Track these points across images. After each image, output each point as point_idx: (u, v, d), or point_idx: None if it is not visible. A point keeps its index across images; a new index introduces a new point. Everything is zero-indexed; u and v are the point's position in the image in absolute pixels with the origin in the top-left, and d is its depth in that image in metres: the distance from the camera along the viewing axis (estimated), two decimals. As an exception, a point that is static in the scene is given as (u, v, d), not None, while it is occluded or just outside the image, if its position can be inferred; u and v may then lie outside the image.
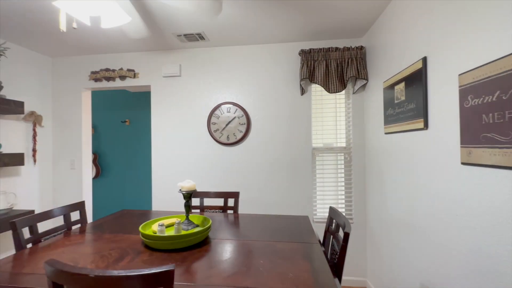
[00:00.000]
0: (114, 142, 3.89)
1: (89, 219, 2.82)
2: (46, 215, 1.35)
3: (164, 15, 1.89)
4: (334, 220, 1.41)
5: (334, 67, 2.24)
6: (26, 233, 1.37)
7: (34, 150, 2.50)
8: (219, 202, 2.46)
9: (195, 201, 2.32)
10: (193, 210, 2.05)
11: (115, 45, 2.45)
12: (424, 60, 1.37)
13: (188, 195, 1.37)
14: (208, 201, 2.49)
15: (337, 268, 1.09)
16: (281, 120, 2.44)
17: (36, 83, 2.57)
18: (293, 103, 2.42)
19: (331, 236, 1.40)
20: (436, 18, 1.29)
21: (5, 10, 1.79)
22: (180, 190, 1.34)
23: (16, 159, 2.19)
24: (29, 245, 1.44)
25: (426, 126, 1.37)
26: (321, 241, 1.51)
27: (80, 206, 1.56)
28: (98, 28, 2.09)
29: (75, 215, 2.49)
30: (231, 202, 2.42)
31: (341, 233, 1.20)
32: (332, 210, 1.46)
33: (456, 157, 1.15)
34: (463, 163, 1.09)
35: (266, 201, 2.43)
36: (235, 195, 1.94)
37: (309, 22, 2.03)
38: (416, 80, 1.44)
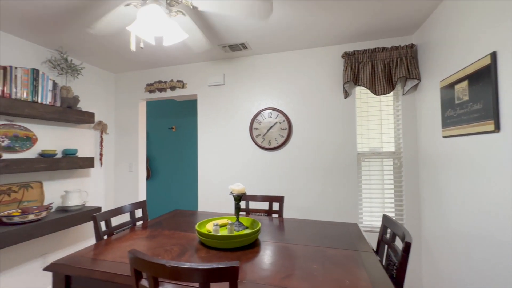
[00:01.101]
0: (162, 147, 4.24)
1: (143, 217, 3.10)
2: (119, 211, 1.55)
3: (212, 29, 2.04)
4: (388, 229, 1.34)
5: (381, 68, 2.14)
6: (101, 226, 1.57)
7: (101, 155, 2.87)
8: (264, 205, 2.51)
9: (241, 204, 2.40)
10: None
11: (167, 59, 2.70)
12: (493, 55, 1.24)
13: (238, 198, 1.43)
14: (252, 205, 2.56)
15: (397, 279, 1.03)
16: (323, 124, 2.40)
17: (102, 96, 2.96)
18: (336, 107, 2.37)
19: (386, 245, 1.33)
20: (507, 8, 1.16)
21: (83, 40, 2.12)
22: (231, 192, 1.42)
23: (88, 162, 2.54)
24: (105, 237, 1.66)
25: (497, 128, 1.23)
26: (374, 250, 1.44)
27: (142, 204, 1.75)
28: (154, 45, 2.33)
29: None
30: (275, 206, 2.44)
31: (397, 243, 1.13)
32: (386, 218, 1.39)
33: (540, 163, 1.01)
34: (550, 170, 0.96)
35: (308, 207, 2.40)
36: (280, 199, 1.96)
37: (354, 23, 1.99)
38: (483, 77, 1.31)
